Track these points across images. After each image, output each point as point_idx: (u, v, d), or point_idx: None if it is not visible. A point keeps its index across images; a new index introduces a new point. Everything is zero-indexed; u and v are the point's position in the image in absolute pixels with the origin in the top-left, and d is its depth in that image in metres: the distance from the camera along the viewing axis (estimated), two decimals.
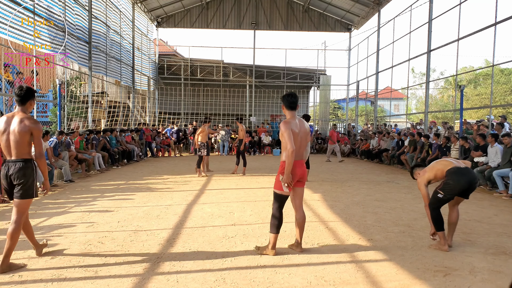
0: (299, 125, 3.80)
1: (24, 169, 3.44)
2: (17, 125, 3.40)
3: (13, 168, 3.42)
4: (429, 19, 13.98)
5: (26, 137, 3.43)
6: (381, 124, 20.92)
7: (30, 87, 3.62)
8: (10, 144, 3.42)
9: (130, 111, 18.09)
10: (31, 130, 3.42)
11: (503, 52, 52.56)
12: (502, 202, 6.88)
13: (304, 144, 3.86)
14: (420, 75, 32.97)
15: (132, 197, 6.86)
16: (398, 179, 9.75)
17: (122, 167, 11.78)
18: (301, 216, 3.92)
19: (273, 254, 3.79)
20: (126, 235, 4.49)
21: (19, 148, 3.42)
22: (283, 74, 22.75)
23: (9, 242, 3.35)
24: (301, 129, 3.79)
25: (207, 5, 22.02)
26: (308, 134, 3.93)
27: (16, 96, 3.50)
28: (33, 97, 3.57)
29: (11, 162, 3.44)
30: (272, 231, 3.79)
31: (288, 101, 3.87)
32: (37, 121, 3.58)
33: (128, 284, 3.14)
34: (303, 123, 3.88)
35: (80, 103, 12.96)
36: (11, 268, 3.36)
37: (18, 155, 3.43)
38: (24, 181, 3.44)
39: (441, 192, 4.02)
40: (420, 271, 3.46)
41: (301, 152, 3.83)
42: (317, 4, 21.64)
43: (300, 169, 3.80)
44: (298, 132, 3.75)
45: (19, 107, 3.53)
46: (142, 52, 19.64)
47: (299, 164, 3.79)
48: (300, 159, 3.82)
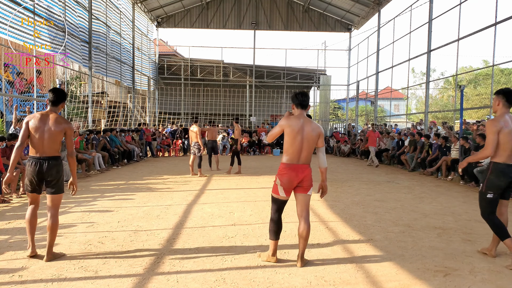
0: (303, 126, 3.45)
1: (57, 166, 3.64)
2: (53, 124, 3.59)
3: (47, 165, 3.57)
4: (429, 19, 13.99)
5: (60, 136, 3.63)
6: (381, 124, 20.92)
7: (63, 91, 3.85)
8: (44, 142, 3.57)
9: (130, 111, 18.10)
10: (66, 129, 3.64)
11: (503, 52, 52.56)
12: None
13: (307, 147, 3.45)
14: (420, 75, 32.99)
15: (132, 197, 6.86)
16: (398, 179, 9.75)
17: (122, 167, 11.78)
18: (303, 227, 3.49)
19: (275, 261, 3.59)
20: (126, 235, 4.48)
21: (52, 146, 3.60)
22: (283, 74, 22.76)
23: (51, 234, 3.59)
24: (304, 130, 3.43)
25: (207, 5, 22.03)
26: (317, 139, 3.50)
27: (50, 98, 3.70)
28: (65, 100, 3.82)
29: (42, 159, 3.58)
30: (270, 237, 3.57)
31: (299, 100, 3.59)
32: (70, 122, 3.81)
33: (128, 284, 3.14)
34: (309, 124, 3.49)
35: (80, 103, 12.96)
36: (55, 257, 3.64)
37: (51, 152, 3.60)
38: (58, 177, 3.64)
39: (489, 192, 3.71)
40: (420, 271, 3.46)
41: (303, 156, 3.46)
42: (317, 4, 21.65)
43: (298, 173, 3.44)
44: (298, 132, 3.42)
45: (51, 107, 3.72)
46: (142, 52, 19.65)
47: (295, 168, 3.45)
48: (299, 163, 3.47)
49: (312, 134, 3.45)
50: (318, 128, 3.51)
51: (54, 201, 3.68)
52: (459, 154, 9.45)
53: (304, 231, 3.47)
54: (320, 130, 3.52)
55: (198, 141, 9.78)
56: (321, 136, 3.53)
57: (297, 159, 3.46)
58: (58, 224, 3.70)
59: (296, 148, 3.43)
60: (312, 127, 3.48)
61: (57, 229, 3.69)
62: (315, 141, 3.49)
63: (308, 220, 3.54)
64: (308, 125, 3.47)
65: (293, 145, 3.43)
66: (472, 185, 8.57)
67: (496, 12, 10.15)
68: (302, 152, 3.45)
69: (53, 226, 3.63)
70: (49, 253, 3.60)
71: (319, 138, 3.51)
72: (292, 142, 3.43)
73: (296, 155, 3.45)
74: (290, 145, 3.44)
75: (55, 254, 3.69)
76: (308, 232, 3.48)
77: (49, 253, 3.61)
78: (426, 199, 7.02)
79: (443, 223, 5.21)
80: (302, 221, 3.52)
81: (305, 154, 3.46)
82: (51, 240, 3.62)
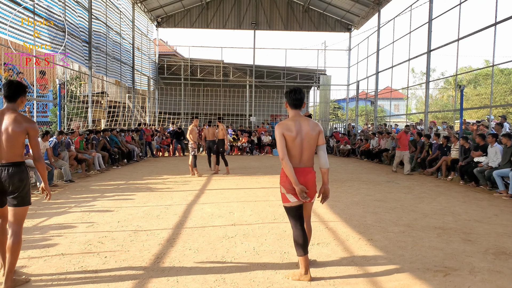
0: (301, 127, 3.20)
1: (20, 174, 3.05)
2: (10, 124, 2.98)
3: (6, 173, 3.00)
4: (429, 19, 13.98)
5: (21, 138, 3.04)
6: (381, 124, 20.92)
7: (20, 82, 3.22)
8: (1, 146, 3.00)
9: (130, 111, 18.10)
10: (28, 130, 3.05)
11: (503, 52, 52.59)
12: (502, 202, 6.88)
13: (308, 148, 3.21)
14: (420, 75, 33.01)
15: (132, 197, 6.86)
16: (398, 179, 9.75)
17: (122, 167, 11.78)
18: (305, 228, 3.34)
19: (309, 280, 3.19)
20: (126, 235, 4.49)
21: (12, 150, 3.01)
22: (283, 74, 22.76)
23: (11, 256, 2.96)
24: (302, 131, 3.19)
25: (207, 5, 22.02)
26: (317, 137, 3.25)
27: (5, 91, 3.09)
28: (24, 93, 3.20)
29: (2, 166, 3.01)
30: (298, 253, 3.22)
31: (291, 98, 3.29)
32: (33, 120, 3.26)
33: (128, 284, 3.14)
34: (307, 123, 3.24)
35: (80, 103, 12.97)
36: (16, 284, 3.03)
37: (10, 158, 3.01)
38: (21, 187, 3.05)
39: None
40: (420, 271, 3.46)
41: (304, 158, 3.23)
42: (317, 4, 21.64)
43: (300, 177, 3.19)
44: (295, 136, 3.17)
45: (8, 104, 3.11)
46: (142, 52, 19.64)
47: (297, 172, 3.19)
48: (301, 166, 3.22)
49: (311, 133, 3.22)
50: (316, 126, 3.28)
51: (17, 215, 3.05)
52: (459, 154, 9.45)
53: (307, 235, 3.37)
54: (319, 128, 3.30)
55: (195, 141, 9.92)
56: (320, 134, 3.29)
57: (298, 161, 3.22)
58: (21, 244, 3.06)
59: (296, 151, 3.20)
60: (310, 125, 3.24)
61: (19, 250, 3.04)
62: (315, 140, 3.25)
63: (310, 224, 3.47)
64: (306, 125, 3.23)
65: (293, 148, 3.20)
66: (472, 185, 8.57)
67: (496, 12, 10.15)
68: (303, 154, 3.22)
69: (14, 247, 2.96)
70: (7, 280, 2.95)
71: (319, 135, 3.27)
72: (291, 145, 3.19)
73: (297, 158, 3.22)
74: (290, 149, 3.20)
75: (17, 281, 3.04)
76: (310, 235, 3.43)
77: (8, 279, 2.95)
78: (426, 199, 7.02)
79: (443, 223, 5.21)
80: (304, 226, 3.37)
81: (306, 156, 3.24)
82: (11, 264, 2.96)
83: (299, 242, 3.20)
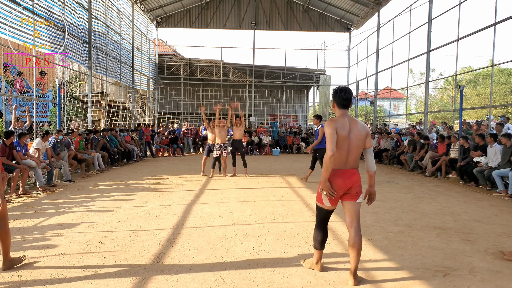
0: (350, 127, 3.09)
1: None
2: None
3: None
4: (428, 19, 13.99)
5: None
6: (381, 124, 20.93)
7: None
8: None
9: (130, 111, 18.09)
10: None
11: (503, 52, 52.58)
12: (501, 202, 6.88)
13: (355, 150, 3.11)
14: (420, 75, 33.03)
15: (131, 197, 6.86)
16: (397, 179, 9.75)
17: (121, 167, 11.78)
18: (354, 239, 3.11)
19: (319, 270, 3.40)
20: (125, 235, 4.49)
21: None
22: (283, 74, 22.77)
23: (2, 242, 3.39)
24: (352, 131, 3.08)
25: (206, 5, 22.02)
26: (365, 139, 3.15)
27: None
28: None
29: None
30: (315, 245, 3.37)
31: (341, 98, 3.16)
32: None
33: (128, 284, 3.14)
34: (356, 124, 3.12)
35: (79, 103, 12.96)
36: (14, 264, 3.44)
37: None
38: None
39: None
40: (420, 271, 3.47)
41: (350, 159, 3.12)
42: (317, 4, 21.65)
43: (345, 179, 3.10)
44: (347, 135, 3.06)
45: None
46: (142, 52, 19.64)
47: (342, 174, 3.11)
48: (346, 167, 3.13)
49: (360, 134, 3.10)
50: (365, 127, 3.17)
51: None
52: (459, 154, 9.46)
53: (356, 243, 3.10)
54: (367, 129, 3.19)
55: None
56: (368, 136, 3.17)
57: (344, 163, 3.12)
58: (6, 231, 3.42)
59: (343, 152, 3.07)
60: (360, 126, 3.13)
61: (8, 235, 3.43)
62: (363, 142, 3.13)
63: (359, 231, 3.16)
64: (355, 125, 3.11)
65: (341, 148, 3.06)
66: (472, 185, 8.58)
67: (495, 12, 10.16)
68: (349, 156, 3.11)
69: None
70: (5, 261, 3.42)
71: (367, 137, 3.16)
72: (340, 145, 3.05)
73: (343, 159, 3.10)
74: (338, 148, 3.06)
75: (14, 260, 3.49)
76: (360, 244, 3.12)
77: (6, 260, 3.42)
78: (425, 199, 7.02)
79: (443, 223, 5.21)
80: (352, 231, 3.14)
81: (353, 158, 3.12)
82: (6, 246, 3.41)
83: (318, 239, 3.33)
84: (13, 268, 3.44)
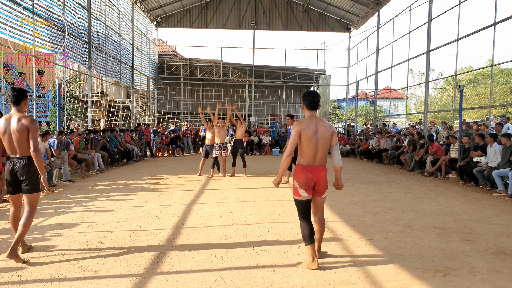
0: (316, 127, 3.45)
1: (29, 166, 3.69)
2: (15, 124, 3.65)
3: (18, 165, 3.68)
4: (428, 19, 13.99)
5: (25, 135, 3.66)
6: (381, 124, 20.93)
7: (22, 88, 3.89)
8: (13, 143, 3.67)
9: (130, 111, 18.09)
10: (28, 127, 3.67)
11: (503, 52, 52.62)
12: (501, 202, 6.89)
13: (322, 148, 3.46)
14: (419, 75, 33.01)
15: (131, 197, 6.86)
16: (397, 179, 9.75)
17: (121, 167, 11.77)
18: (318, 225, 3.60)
19: (317, 267, 3.43)
20: (125, 235, 4.48)
21: (21, 146, 3.67)
22: (283, 74, 22.77)
23: (21, 229, 3.59)
24: (318, 131, 3.44)
25: (206, 5, 22.02)
26: (331, 137, 3.51)
27: (10, 97, 3.75)
28: (26, 97, 3.83)
29: (15, 159, 3.70)
30: (305, 243, 3.48)
31: (309, 100, 3.52)
32: (34, 119, 3.79)
33: (128, 284, 3.14)
34: (322, 124, 3.49)
35: (79, 103, 12.97)
36: (17, 258, 3.54)
37: (21, 152, 3.69)
38: (30, 176, 3.69)
39: None
40: (420, 271, 3.47)
41: (318, 156, 3.47)
42: (317, 4, 21.65)
43: (314, 175, 3.45)
44: (314, 135, 3.42)
45: (14, 108, 3.75)
46: (142, 52, 19.64)
47: (311, 169, 3.46)
48: (315, 164, 3.48)
49: (326, 133, 3.47)
50: (330, 127, 3.54)
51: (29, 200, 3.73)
52: (459, 154, 9.46)
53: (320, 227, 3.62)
54: (333, 129, 3.56)
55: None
56: (334, 134, 3.54)
57: (313, 160, 3.48)
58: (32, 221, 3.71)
59: (312, 150, 3.45)
60: (325, 126, 3.50)
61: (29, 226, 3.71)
62: (330, 140, 3.51)
63: (323, 218, 3.66)
64: (321, 125, 3.48)
65: (308, 146, 3.44)
66: (472, 185, 8.58)
67: (495, 12, 10.16)
68: (317, 153, 3.47)
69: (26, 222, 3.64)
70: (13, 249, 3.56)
71: (333, 136, 3.53)
72: (307, 144, 3.44)
73: (312, 156, 3.47)
74: (306, 147, 3.45)
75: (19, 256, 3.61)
76: (323, 227, 3.65)
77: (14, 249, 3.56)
78: (425, 199, 7.02)
79: (442, 223, 5.21)
80: (316, 218, 3.64)
81: (320, 155, 3.48)
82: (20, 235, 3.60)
83: (305, 232, 3.47)
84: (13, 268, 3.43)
